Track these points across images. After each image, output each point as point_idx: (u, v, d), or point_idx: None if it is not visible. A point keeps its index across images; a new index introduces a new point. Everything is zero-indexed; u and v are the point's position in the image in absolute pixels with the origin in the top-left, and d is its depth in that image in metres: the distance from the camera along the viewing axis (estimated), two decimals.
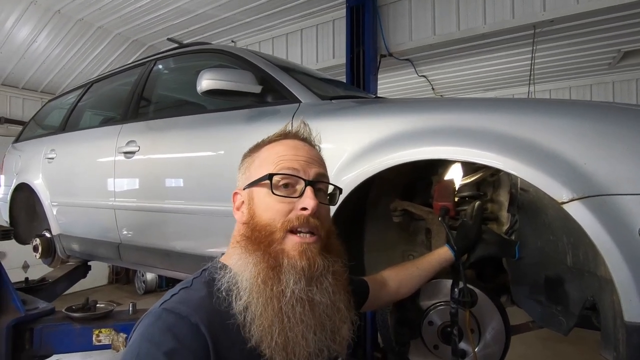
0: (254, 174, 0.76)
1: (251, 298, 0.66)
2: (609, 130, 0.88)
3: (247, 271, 0.68)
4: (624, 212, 0.79)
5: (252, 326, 0.65)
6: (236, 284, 0.68)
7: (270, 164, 0.74)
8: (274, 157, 0.75)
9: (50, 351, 1.90)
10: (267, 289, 0.67)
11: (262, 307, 0.66)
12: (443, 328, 1.10)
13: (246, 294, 0.67)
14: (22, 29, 4.32)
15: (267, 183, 0.72)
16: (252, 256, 0.69)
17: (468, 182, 1.23)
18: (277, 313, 0.66)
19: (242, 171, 0.81)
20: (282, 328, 0.65)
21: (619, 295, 0.78)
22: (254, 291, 0.67)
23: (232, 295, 0.67)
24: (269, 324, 0.65)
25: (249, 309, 0.66)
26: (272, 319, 0.65)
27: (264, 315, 0.65)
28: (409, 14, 3.73)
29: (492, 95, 5.97)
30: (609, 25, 3.59)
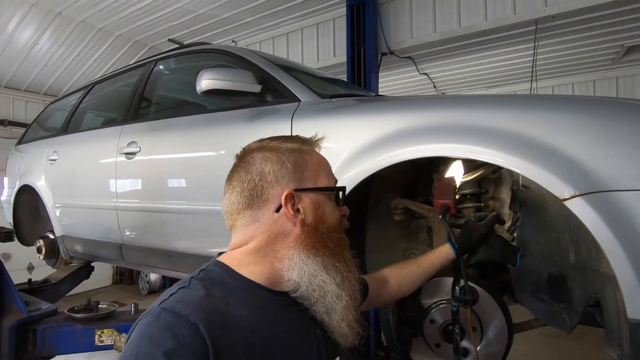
0: (310, 179, 0.78)
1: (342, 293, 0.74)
2: (611, 126, 0.87)
3: (325, 273, 0.73)
4: (627, 208, 0.78)
5: (344, 320, 0.74)
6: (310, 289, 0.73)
7: (327, 173, 0.81)
8: (325, 168, 0.82)
9: (53, 352, 1.91)
10: (349, 282, 0.75)
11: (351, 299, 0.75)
12: (445, 326, 1.10)
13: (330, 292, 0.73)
14: (24, 31, 4.34)
15: (328, 193, 0.79)
16: (332, 259, 0.75)
17: (469, 179, 1.22)
18: (356, 300, 0.76)
19: (285, 169, 0.75)
20: (355, 315, 0.75)
21: (622, 292, 0.78)
22: (339, 287, 0.74)
23: (311, 300, 0.74)
24: (356, 311, 0.75)
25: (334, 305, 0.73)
26: (351, 307, 0.75)
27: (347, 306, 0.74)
28: (410, 12, 3.72)
29: (494, 92, 5.94)
30: (611, 20, 3.57)
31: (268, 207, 0.74)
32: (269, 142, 0.79)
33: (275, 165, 0.74)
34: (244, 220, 0.75)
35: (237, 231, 0.77)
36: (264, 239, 0.74)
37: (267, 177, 0.74)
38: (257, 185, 0.74)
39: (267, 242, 0.74)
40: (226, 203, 0.78)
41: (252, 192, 0.74)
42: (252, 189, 0.74)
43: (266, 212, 0.74)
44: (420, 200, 1.31)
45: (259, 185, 0.74)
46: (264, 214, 0.74)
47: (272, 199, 0.73)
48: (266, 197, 0.74)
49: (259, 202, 0.74)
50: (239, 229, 0.76)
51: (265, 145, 0.78)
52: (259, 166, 0.75)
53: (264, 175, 0.74)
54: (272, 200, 0.73)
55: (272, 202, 0.73)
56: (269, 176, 0.74)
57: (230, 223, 0.78)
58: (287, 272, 0.72)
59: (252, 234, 0.75)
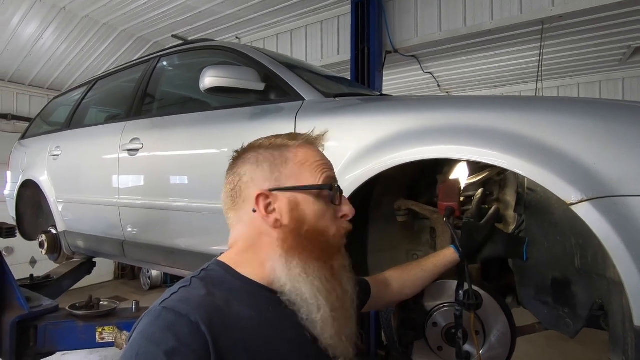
0: (290, 178, 0.73)
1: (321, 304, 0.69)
2: (619, 130, 0.85)
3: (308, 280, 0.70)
4: (635, 213, 0.77)
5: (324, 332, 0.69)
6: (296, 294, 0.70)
7: (315, 171, 0.74)
8: (315, 165, 0.75)
9: (53, 348, 1.92)
10: (337, 291, 0.71)
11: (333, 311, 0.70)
12: (447, 329, 1.09)
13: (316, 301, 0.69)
14: (28, 26, 4.34)
15: (315, 191, 0.73)
16: (311, 264, 0.70)
17: (474, 181, 1.21)
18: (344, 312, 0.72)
19: (261, 169, 0.74)
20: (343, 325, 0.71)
21: (629, 298, 0.77)
22: (323, 297, 0.69)
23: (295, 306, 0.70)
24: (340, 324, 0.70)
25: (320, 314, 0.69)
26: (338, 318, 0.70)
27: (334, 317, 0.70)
28: (415, 10, 3.70)
29: (499, 92, 5.91)
30: (619, 20, 3.53)
31: (247, 208, 0.74)
32: (256, 141, 0.79)
33: (251, 166, 0.75)
34: (231, 220, 0.77)
35: (231, 230, 0.78)
36: (248, 240, 0.74)
37: (244, 178, 0.74)
38: (236, 187, 0.75)
39: (252, 243, 0.74)
40: (221, 202, 0.80)
41: (233, 193, 0.75)
42: (233, 190, 0.76)
43: (245, 213, 0.74)
44: (423, 202, 1.30)
45: (238, 187, 0.75)
46: (244, 214, 0.74)
47: (249, 200, 0.73)
48: (244, 197, 0.74)
49: (240, 202, 0.75)
50: (231, 228, 0.78)
51: (252, 145, 0.79)
52: (239, 167, 0.76)
53: (241, 176, 0.75)
54: (249, 201, 0.73)
55: (249, 203, 0.73)
56: (244, 177, 0.74)
57: (227, 221, 0.80)
58: (272, 273, 0.72)
59: (239, 234, 0.76)
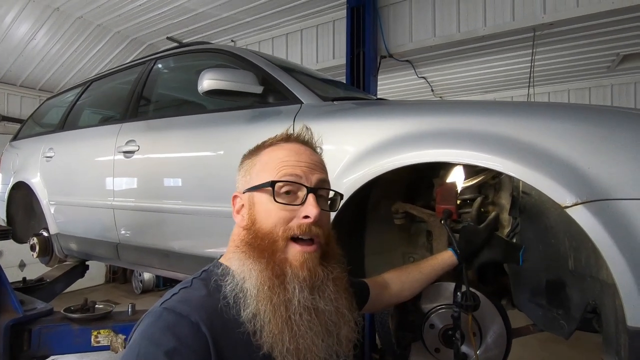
0: (255, 178, 0.75)
1: (259, 306, 0.66)
2: (613, 135, 0.88)
3: (252, 278, 0.68)
4: (628, 217, 0.79)
5: (263, 333, 0.65)
6: (242, 291, 0.68)
7: (272, 170, 0.73)
8: (275, 162, 0.74)
9: (48, 352, 1.88)
10: (275, 297, 0.66)
11: (270, 314, 0.66)
12: (444, 331, 1.10)
13: (254, 301, 0.67)
14: (20, 26, 4.30)
15: (269, 189, 0.71)
16: (255, 263, 0.69)
17: (470, 184, 1.23)
18: (286, 321, 0.66)
19: (242, 173, 0.80)
20: (293, 336, 0.65)
21: (622, 300, 0.78)
22: (262, 299, 0.66)
23: (240, 302, 0.67)
24: (279, 331, 0.65)
25: (258, 317, 0.66)
26: (281, 327, 0.65)
27: (272, 323, 0.65)
28: (409, 16, 3.74)
29: (491, 97, 5.98)
30: (608, 28, 3.61)
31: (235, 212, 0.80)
32: None
33: (238, 172, 0.82)
34: None
35: None
36: (230, 242, 0.79)
37: (236, 184, 0.82)
38: None
39: (231, 244, 0.78)
40: None
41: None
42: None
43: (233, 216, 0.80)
44: (420, 205, 1.31)
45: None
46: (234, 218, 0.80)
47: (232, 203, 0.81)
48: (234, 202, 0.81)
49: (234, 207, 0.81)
50: None
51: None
52: None
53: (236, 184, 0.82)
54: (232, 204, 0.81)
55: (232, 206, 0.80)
56: (236, 183, 0.82)
57: None
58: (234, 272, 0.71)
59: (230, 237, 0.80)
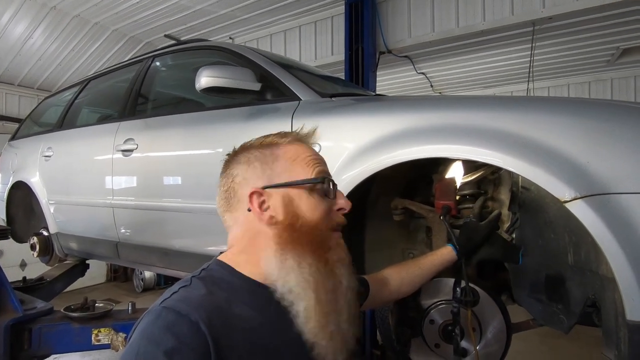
0: (282, 174, 0.74)
1: (311, 297, 0.69)
2: (612, 129, 0.87)
3: (300, 273, 0.69)
4: (628, 211, 0.79)
5: (310, 323, 0.68)
6: (287, 288, 0.69)
7: (306, 166, 0.75)
8: (307, 160, 0.75)
9: (48, 351, 1.88)
10: (327, 284, 0.70)
11: (321, 303, 0.69)
12: (444, 326, 1.10)
13: (305, 293, 0.69)
14: (17, 25, 4.28)
15: (308, 185, 0.74)
16: (305, 257, 0.70)
17: (469, 180, 1.22)
18: (334, 305, 0.71)
19: (252, 168, 0.75)
20: (337, 318, 0.70)
21: (622, 294, 0.78)
22: (313, 289, 0.69)
23: (284, 300, 0.69)
24: (326, 318, 0.69)
25: (308, 307, 0.69)
26: (329, 312, 0.69)
27: (323, 310, 0.69)
28: (408, 11, 3.72)
29: (491, 92, 5.97)
30: (607, 22, 3.60)
31: (242, 208, 0.74)
32: (247, 142, 0.80)
33: (242, 166, 0.75)
34: (228, 222, 0.77)
35: (229, 231, 0.78)
36: (245, 240, 0.74)
37: (236, 178, 0.75)
38: (230, 188, 0.76)
39: (248, 243, 0.74)
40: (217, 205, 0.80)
41: (227, 195, 0.76)
42: (227, 192, 0.76)
43: (241, 213, 0.74)
44: (419, 201, 1.31)
45: (231, 188, 0.75)
46: (239, 215, 0.75)
47: (243, 200, 0.74)
48: (238, 198, 0.75)
49: (234, 203, 0.75)
50: (229, 230, 0.78)
51: (243, 146, 0.79)
52: (231, 169, 0.77)
53: (234, 177, 0.75)
54: (244, 201, 0.74)
55: (243, 203, 0.74)
56: (237, 177, 0.75)
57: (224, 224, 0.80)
58: (266, 271, 0.71)
59: (235, 236, 0.76)
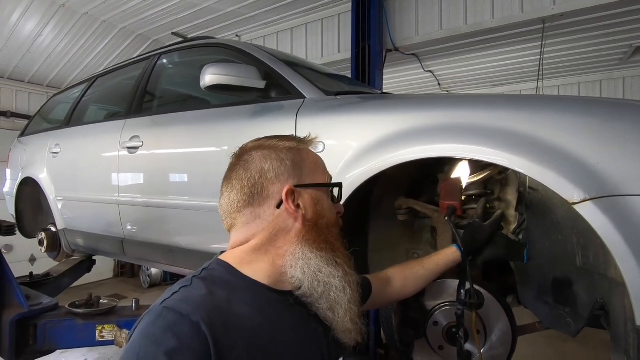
0: (309, 176, 0.78)
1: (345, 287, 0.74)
2: (622, 129, 0.85)
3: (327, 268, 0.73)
4: (638, 213, 0.77)
5: (347, 315, 0.73)
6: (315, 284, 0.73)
7: (323, 171, 0.82)
8: (321, 165, 0.83)
9: (53, 347, 1.91)
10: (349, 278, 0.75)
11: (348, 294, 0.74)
12: (448, 328, 1.09)
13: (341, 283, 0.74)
14: (27, 23, 4.33)
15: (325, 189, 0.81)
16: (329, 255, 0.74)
17: (475, 180, 1.20)
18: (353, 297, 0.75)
19: (284, 166, 0.75)
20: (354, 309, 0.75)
21: (632, 298, 0.76)
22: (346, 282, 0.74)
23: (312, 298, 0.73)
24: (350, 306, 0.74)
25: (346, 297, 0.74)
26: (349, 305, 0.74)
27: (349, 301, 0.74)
28: (416, 8, 3.68)
29: (499, 91, 5.90)
30: (620, 19, 3.53)
31: (269, 204, 0.74)
32: (266, 141, 0.80)
33: (274, 163, 0.75)
34: (245, 218, 0.75)
35: (237, 229, 0.77)
36: (266, 236, 0.74)
37: (267, 174, 0.74)
38: (257, 183, 0.74)
39: (269, 238, 0.74)
40: (225, 202, 0.77)
41: (253, 190, 0.74)
42: (253, 187, 0.74)
43: (267, 208, 0.74)
44: (424, 201, 1.29)
45: (259, 183, 0.74)
46: (264, 210, 0.74)
47: (272, 196, 0.74)
48: (267, 194, 0.74)
49: (259, 199, 0.74)
50: (240, 227, 0.76)
51: (262, 144, 0.79)
52: (258, 164, 0.75)
53: (264, 173, 0.74)
54: (273, 197, 0.74)
55: (272, 199, 0.74)
56: (269, 173, 0.74)
57: (229, 222, 0.78)
58: (290, 268, 0.72)
59: (254, 232, 0.75)
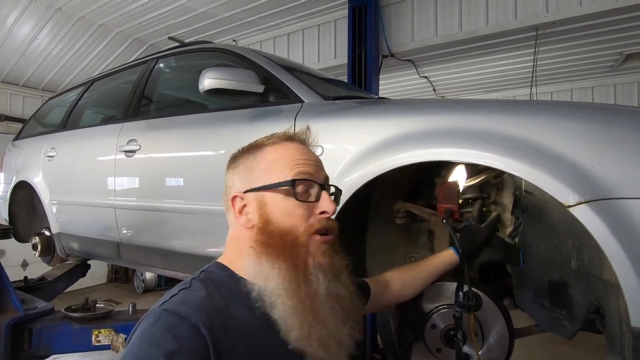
0: (261, 177, 0.74)
1: (285, 303, 0.67)
2: (617, 133, 0.87)
3: (274, 278, 0.69)
4: (632, 216, 0.78)
5: (291, 330, 0.67)
6: (266, 291, 0.69)
7: (285, 168, 0.73)
8: (286, 161, 0.74)
9: (49, 351, 1.88)
10: (301, 291, 0.68)
11: (297, 310, 0.67)
12: (446, 331, 1.09)
13: (279, 300, 0.68)
14: (23, 26, 4.31)
15: (284, 188, 0.72)
16: (277, 262, 0.70)
17: (472, 184, 1.22)
18: (313, 312, 0.68)
19: (239, 172, 0.78)
20: (320, 325, 0.68)
21: (626, 300, 0.77)
22: (288, 296, 0.68)
23: (263, 303, 0.68)
24: (308, 324, 0.67)
25: (284, 314, 0.67)
26: (308, 319, 0.67)
27: (301, 317, 0.67)
28: (411, 15, 3.72)
29: (493, 97, 5.96)
30: (611, 27, 3.58)
31: (230, 212, 0.78)
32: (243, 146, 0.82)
33: (232, 171, 0.79)
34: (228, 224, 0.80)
35: None
36: (232, 243, 0.78)
37: (228, 182, 0.79)
38: (224, 193, 0.80)
39: (234, 245, 0.77)
40: None
41: (224, 199, 0.80)
42: (224, 194, 0.80)
43: (232, 217, 0.78)
44: (422, 204, 1.30)
45: (225, 193, 0.79)
46: (231, 218, 0.78)
47: (230, 203, 0.78)
48: (228, 202, 0.78)
49: (227, 207, 0.79)
50: None
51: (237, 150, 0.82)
52: (227, 173, 0.80)
53: (226, 182, 0.80)
54: (231, 205, 0.77)
55: (231, 207, 0.77)
56: (228, 182, 0.79)
57: None
58: (245, 275, 0.72)
59: (227, 237, 0.79)
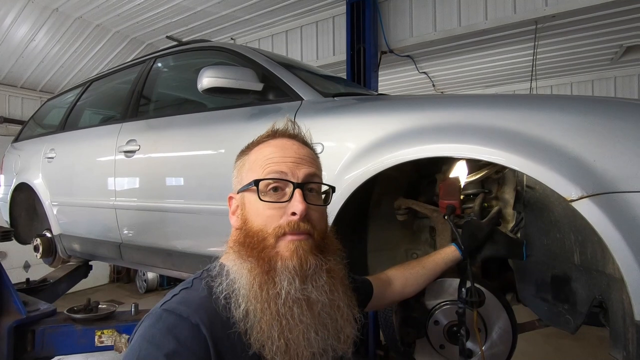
0: (244, 178, 0.75)
1: (249, 304, 0.66)
2: (619, 127, 0.86)
3: (242, 277, 0.68)
4: (635, 209, 0.77)
5: (253, 332, 0.64)
6: (234, 291, 0.67)
7: (259, 168, 0.72)
8: (261, 161, 0.73)
9: (52, 353, 1.89)
10: (263, 293, 0.66)
11: (260, 312, 0.65)
12: (449, 327, 1.09)
13: (244, 300, 0.66)
14: (20, 27, 4.30)
15: (255, 188, 0.70)
16: (246, 262, 0.69)
17: (473, 179, 1.21)
18: (275, 316, 0.65)
19: (234, 174, 0.79)
20: (282, 330, 0.65)
21: (630, 294, 0.77)
22: (251, 297, 0.66)
23: (231, 302, 0.67)
24: (269, 328, 0.64)
25: (248, 316, 0.65)
26: (270, 323, 0.64)
27: (262, 320, 0.65)
28: (410, 10, 3.71)
29: (493, 91, 5.95)
30: (611, 20, 3.57)
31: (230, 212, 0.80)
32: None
33: (234, 171, 0.80)
34: None
35: None
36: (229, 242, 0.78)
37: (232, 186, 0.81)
38: None
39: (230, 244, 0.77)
40: None
41: None
42: None
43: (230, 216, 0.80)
44: (423, 201, 1.30)
45: None
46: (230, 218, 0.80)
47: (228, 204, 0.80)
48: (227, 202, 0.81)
49: None
50: None
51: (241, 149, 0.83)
52: None
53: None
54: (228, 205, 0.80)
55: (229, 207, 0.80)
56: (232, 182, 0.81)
57: None
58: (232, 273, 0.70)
59: None
